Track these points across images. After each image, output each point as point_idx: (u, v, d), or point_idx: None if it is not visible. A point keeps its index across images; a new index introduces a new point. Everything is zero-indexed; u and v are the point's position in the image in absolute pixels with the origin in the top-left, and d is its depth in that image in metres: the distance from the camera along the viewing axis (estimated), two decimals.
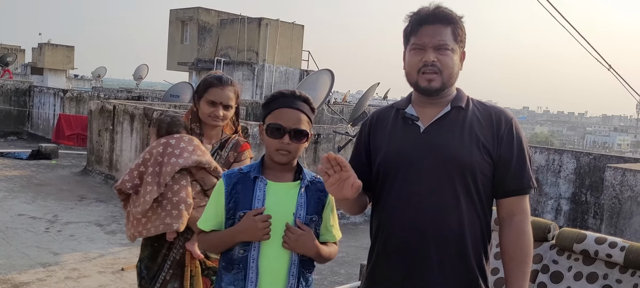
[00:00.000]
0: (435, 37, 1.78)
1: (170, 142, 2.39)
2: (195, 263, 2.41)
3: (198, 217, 2.33)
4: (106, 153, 9.87)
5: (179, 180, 2.33)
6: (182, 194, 2.31)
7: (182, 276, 2.40)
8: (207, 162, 2.35)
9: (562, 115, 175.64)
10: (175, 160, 2.31)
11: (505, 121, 1.83)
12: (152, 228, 2.33)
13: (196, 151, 2.36)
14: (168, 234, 2.37)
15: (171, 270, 2.41)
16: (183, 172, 2.34)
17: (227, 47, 21.76)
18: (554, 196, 7.62)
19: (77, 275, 4.93)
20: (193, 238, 2.38)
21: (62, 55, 29.04)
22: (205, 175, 2.36)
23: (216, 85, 2.45)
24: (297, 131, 1.91)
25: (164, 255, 2.43)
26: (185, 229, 2.38)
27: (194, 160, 2.32)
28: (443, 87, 1.81)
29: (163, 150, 2.37)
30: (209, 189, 2.36)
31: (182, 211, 2.29)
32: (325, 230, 1.98)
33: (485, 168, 1.80)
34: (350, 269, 5.58)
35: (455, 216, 1.78)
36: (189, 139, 2.41)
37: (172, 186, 2.32)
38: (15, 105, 15.68)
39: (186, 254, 2.40)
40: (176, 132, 2.44)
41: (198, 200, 2.38)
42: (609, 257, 2.51)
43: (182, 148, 2.36)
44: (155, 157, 2.36)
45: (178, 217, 2.29)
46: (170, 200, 2.31)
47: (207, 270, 2.43)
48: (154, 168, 2.34)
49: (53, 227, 6.44)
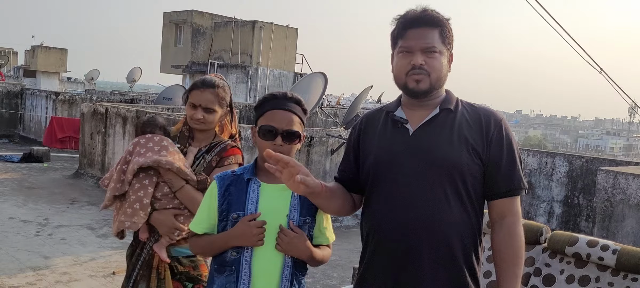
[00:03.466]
0: (422, 40, 1.78)
1: (141, 141, 2.41)
2: (164, 266, 2.38)
3: (162, 218, 2.33)
4: (98, 156, 9.82)
5: (142, 180, 2.34)
6: (140, 193, 2.32)
7: (150, 278, 2.38)
8: (168, 162, 2.31)
9: (555, 118, 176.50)
10: (137, 159, 2.33)
11: (494, 123, 1.83)
12: (114, 226, 2.37)
13: (161, 151, 2.35)
14: (140, 234, 2.39)
15: (141, 270, 2.41)
16: (149, 171, 2.34)
17: (220, 50, 21.73)
18: (547, 199, 7.64)
19: (68, 279, 4.89)
20: (160, 240, 2.37)
21: (55, 58, 28.89)
22: (173, 177, 2.34)
23: (197, 87, 2.44)
24: (289, 132, 1.91)
25: (138, 255, 2.43)
26: (156, 230, 2.37)
27: (153, 160, 2.31)
28: (431, 88, 1.81)
29: (132, 149, 2.40)
30: (176, 191, 2.35)
31: (136, 210, 2.30)
32: (319, 233, 1.97)
33: (474, 170, 1.79)
34: (342, 272, 5.57)
35: (445, 218, 1.77)
36: (159, 139, 2.41)
37: (134, 185, 2.33)
38: (7, 108, 15.59)
39: (154, 256, 2.39)
40: (150, 131, 2.45)
41: (165, 201, 2.36)
42: (601, 260, 2.52)
43: (148, 147, 2.37)
44: (126, 156, 2.40)
45: (131, 216, 2.29)
46: (129, 198, 2.33)
47: (179, 274, 2.39)
48: (121, 166, 2.38)
49: (44, 230, 6.40)
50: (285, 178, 1.71)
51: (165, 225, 2.33)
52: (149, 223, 2.36)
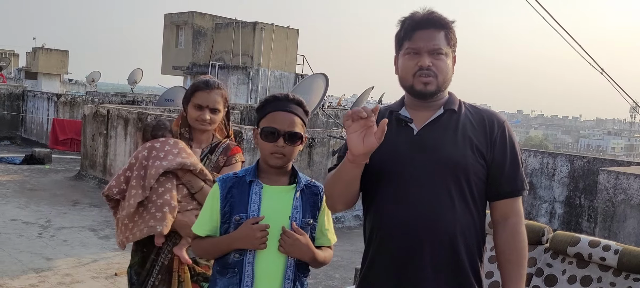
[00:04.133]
0: (430, 42, 1.79)
1: (155, 145, 2.39)
2: (184, 269, 2.38)
3: (185, 221, 2.32)
4: (100, 158, 9.83)
5: (164, 183, 2.33)
6: (167, 197, 2.30)
7: (171, 282, 2.38)
8: (192, 164, 2.33)
9: (557, 118, 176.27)
10: (160, 163, 2.31)
11: (497, 124, 1.84)
12: (138, 232, 2.32)
13: (181, 154, 2.35)
14: (156, 239, 2.37)
15: (160, 275, 2.39)
16: (169, 175, 2.34)
17: (221, 51, 21.74)
18: (548, 199, 7.64)
19: (70, 281, 4.90)
20: (181, 243, 2.36)
21: (56, 60, 28.91)
22: (192, 178, 2.35)
23: (202, 88, 2.45)
24: (291, 134, 1.92)
25: (153, 261, 2.41)
26: (174, 234, 2.37)
27: (178, 163, 2.31)
28: (438, 90, 1.82)
29: (148, 153, 2.38)
30: (196, 192, 2.35)
31: (165, 213, 2.29)
32: (321, 234, 1.98)
33: (479, 170, 1.80)
34: (345, 273, 5.57)
35: (449, 218, 1.78)
36: (174, 142, 2.41)
37: (157, 189, 2.32)
38: (8, 110, 15.61)
39: (174, 259, 2.38)
40: (161, 135, 2.44)
41: (185, 203, 2.37)
42: (603, 260, 2.52)
43: (166, 151, 2.36)
44: (141, 161, 2.37)
45: (162, 220, 2.28)
46: (155, 203, 2.31)
47: (196, 276, 2.40)
48: (139, 172, 2.35)
49: (46, 232, 6.40)
50: (356, 127, 1.63)
51: (187, 226, 2.31)
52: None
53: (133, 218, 2.33)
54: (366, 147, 1.64)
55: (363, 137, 1.64)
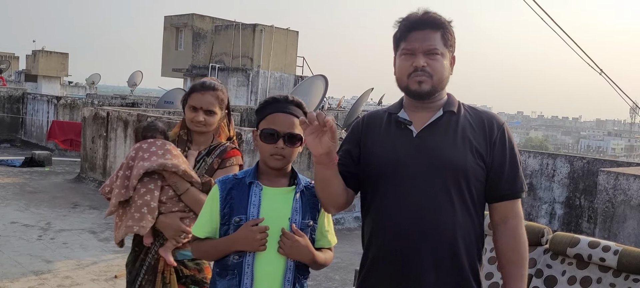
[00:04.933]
0: (425, 42, 1.79)
1: (143, 146, 2.41)
2: (170, 270, 2.38)
3: (168, 222, 2.32)
4: (100, 160, 9.83)
5: (147, 184, 2.34)
6: (147, 197, 2.31)
7: (155, 282, 2.38)
8: (173, 165, 2.32)
9: (557, 119, 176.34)
10: (142, 164, 2.33)
11: (497, 126, 1.84)
12: (121, 232, 2.35)
13: (165, 155, 2.35)
14: (144, 239, 2.38)
15: (146, 275, 2.40)
16: (154, 176, 2.35)
17: (221, 53, 21.76)
18: (548, 200, 7.64)
19: (70, 283, 4.89)
20: (166, 244, 2.37)
21: (56, 62, 28.94)
22: (178, 180, 2.34)
23: (197, 90, 2.45)
24: (291, 135, 1.91)
25: (142, 260, 2.43)
26: (162, 234, 2.37)
27: (159, 164, 2.31)
28: (433, 90, 1.82)
29: (135, 154, 2.39)
30: (182, 194, 2.35)
31: (144, 214, 2.29)
32: (321, 236, 1.98)
33: (478, 172, 1.80)
34: (344, 275, 5.57)
35: (449, 220, 1.77)
36: (162, 143, 2.41)
37: (139, 190, 2.33)
38: (8, 113, 15.61)
39: (160, 260, 2.39)
40: (151, 136, 2.45)
41: (170, 205, 2.36)
42: (603, 260, 2.52)
43: (151, 152, 2.36)
44: (128, 161, 2.39)
45: (139, 220, 2.29)
46: (135, 203, 2.32)
47: (184, 277, 2.39)
48: (125, 172, 2.37)
49: (46, 234, 6.40)
50: (311, 130, 1.70)
51: (171, 228, 2.33)
52: (154, 227, 2.36)
53: (122, 218, 2.36)
54: (324, 148, 1.71)
55: (320, 139, 1.70)
